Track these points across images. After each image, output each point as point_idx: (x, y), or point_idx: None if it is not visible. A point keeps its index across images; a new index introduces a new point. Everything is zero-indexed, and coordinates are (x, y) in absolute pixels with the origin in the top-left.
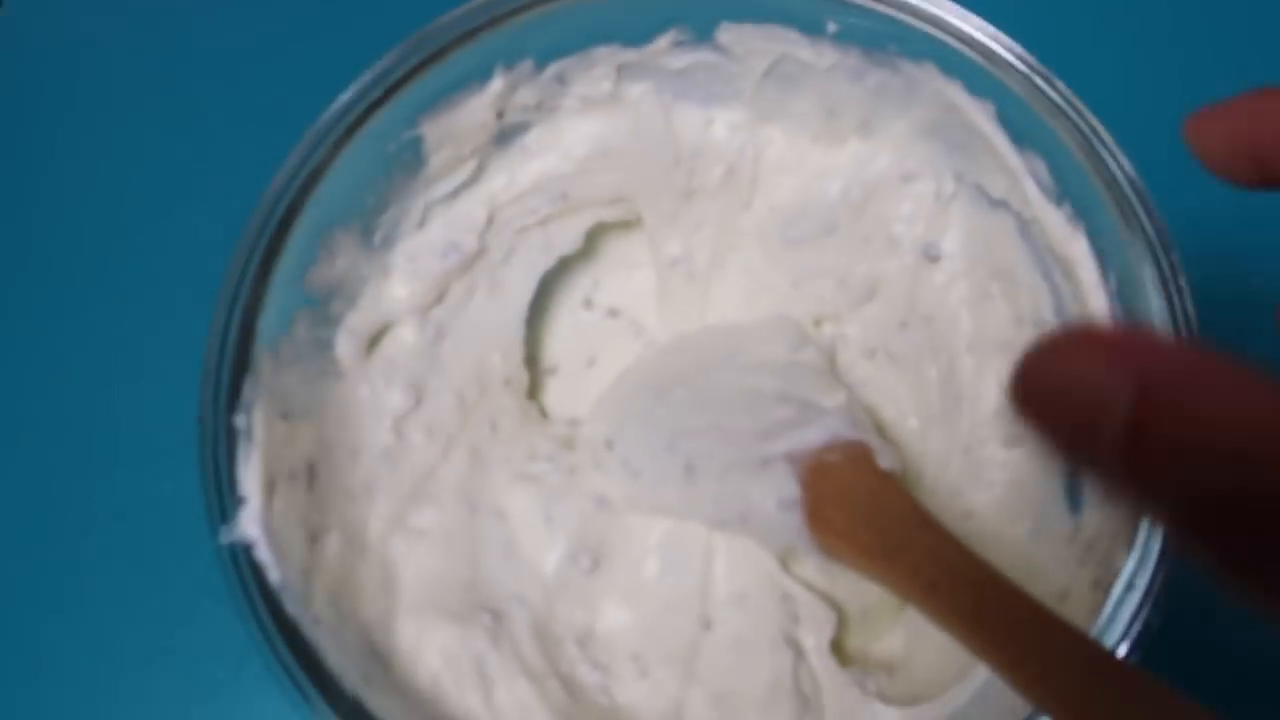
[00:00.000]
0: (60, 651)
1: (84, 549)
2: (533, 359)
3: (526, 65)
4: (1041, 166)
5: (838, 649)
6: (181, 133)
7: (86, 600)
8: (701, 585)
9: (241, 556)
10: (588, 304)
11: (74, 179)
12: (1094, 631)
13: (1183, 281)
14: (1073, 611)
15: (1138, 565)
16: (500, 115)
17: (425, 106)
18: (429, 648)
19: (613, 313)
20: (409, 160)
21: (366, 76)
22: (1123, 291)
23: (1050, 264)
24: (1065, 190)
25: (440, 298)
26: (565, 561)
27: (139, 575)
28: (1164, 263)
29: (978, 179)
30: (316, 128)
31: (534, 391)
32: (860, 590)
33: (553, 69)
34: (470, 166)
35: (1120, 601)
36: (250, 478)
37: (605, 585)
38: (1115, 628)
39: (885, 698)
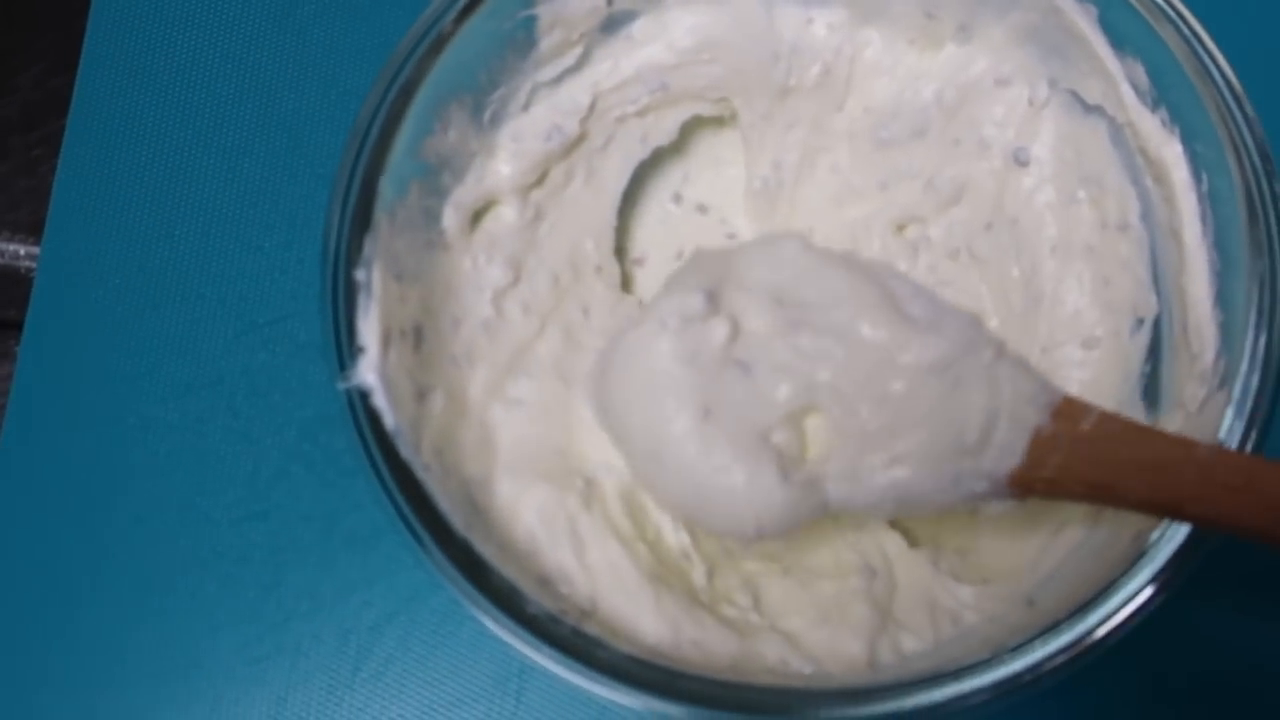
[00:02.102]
0: (157, 515)
1: (178, 415)
2: (621, 249)
3: None
4: (1140, 70)
5: (910, 537)
6: (294, 32)
7: (181, 465)
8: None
9: (359, 402)
10: (677, 199)
11: (187, 45)
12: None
13: (1278, 188)
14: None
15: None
16: (610, 1)
17: None
18: (525, 506)
19: (701, 208)
20: (521, 40)
21: None
22: (1215, 193)
23: (1140, 168)
24: (1162, 95)
25: (540, 180)
26: None
27: (234, 442)
28: (1259, 168)
29: (1073, 84)
30: (438, 2)
31: (625, 282)
32: None
33: None
34: (577, 52)
35: None
36: (369, 329)
37: None
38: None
39: (958, 576)
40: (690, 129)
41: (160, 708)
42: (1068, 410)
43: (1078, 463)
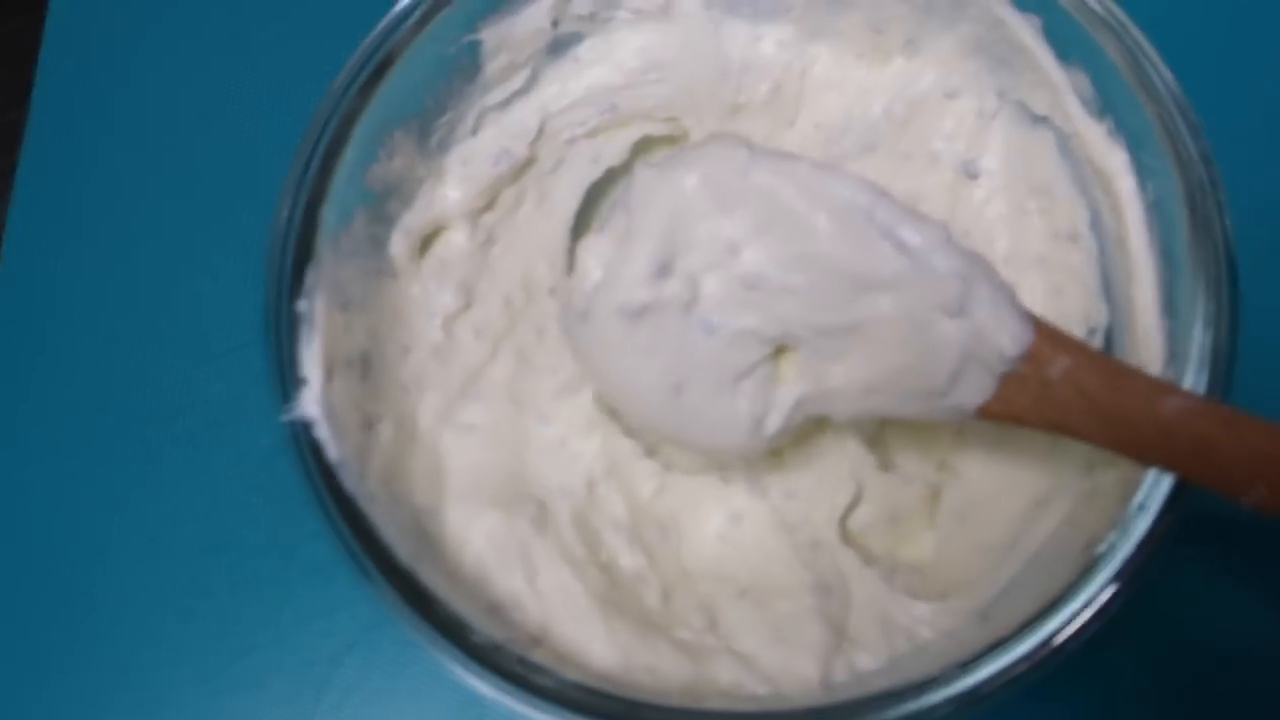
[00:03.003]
0: (117, 549)
1: (138, 448)
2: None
3: None
4: (1084, 80)
5: (866, 553)
6: (252, 27)
7: (140, 498)
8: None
9: (302, 434)
10: None
11: (140, 75)
12: (1123, 518)
13: (1221, 195)
14: (1101, 503)
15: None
16: (555, 24)
17: (485, 11)
18: (475, 533)
19: None
20: (466, 65)
21: None
22: (1160, 204)
23: (1089, 178)
24: (1107, 104)
25: (491, 204)
26: (606, 457)
27: (192, 474)
28: (1203, 175)
29: (1020, 95)
30: (381, 26)
31: None
32: (891, 495)
33: None
34: (524, 75)
35: (1150, 491)
36: (311, 360)
37: (644, 471)
38: (1145, 514)
39: (913, 593)
40: (641, 148)
41: None
42: (1037, 355)
43: (1043, 406)
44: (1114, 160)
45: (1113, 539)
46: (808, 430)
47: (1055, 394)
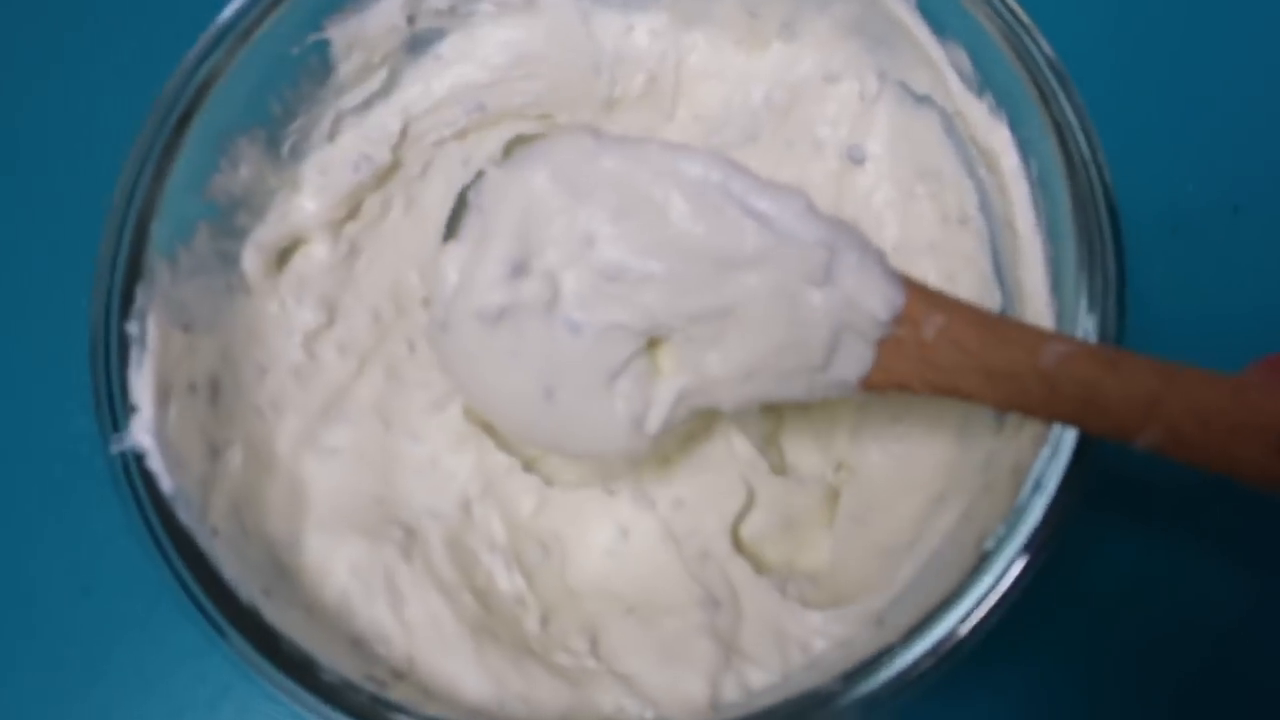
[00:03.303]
0: None
1: None
2: None
3: None
4: (963, 56)
5: (759, 563)
6: (76, 29)
7: (4, 544)
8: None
9: (133, 466)
10: None
11: None
12: (1013, 511)
13: (1102, 160)
14: (996, 497)
15: (1050, 457)
16: (411, 20)
17: (329, 8)
18: (338, 562)
19: None
20: (316, 66)
21: None
22: (1044, 178)
23: (975, 158)
24: (987, 80)
25: (353, 213)
26: (481, 474)
27: (53, 515)
28: (1084, 144)
29: (901, 75)
30: (213, 27)
31: None
32: (786, 500)
33: None
34: (381, 75)
35: (1035, 488)
36: (142, 386)
37: (523, 486)
38: (1034, 507)
39: (807, 602)
40: (516, 146)
41: None
42: (911, 316)
43: (924, 368)
44: (997, 138)
45: (1000, 533)
46: (695, 434)
47: (935, 355)
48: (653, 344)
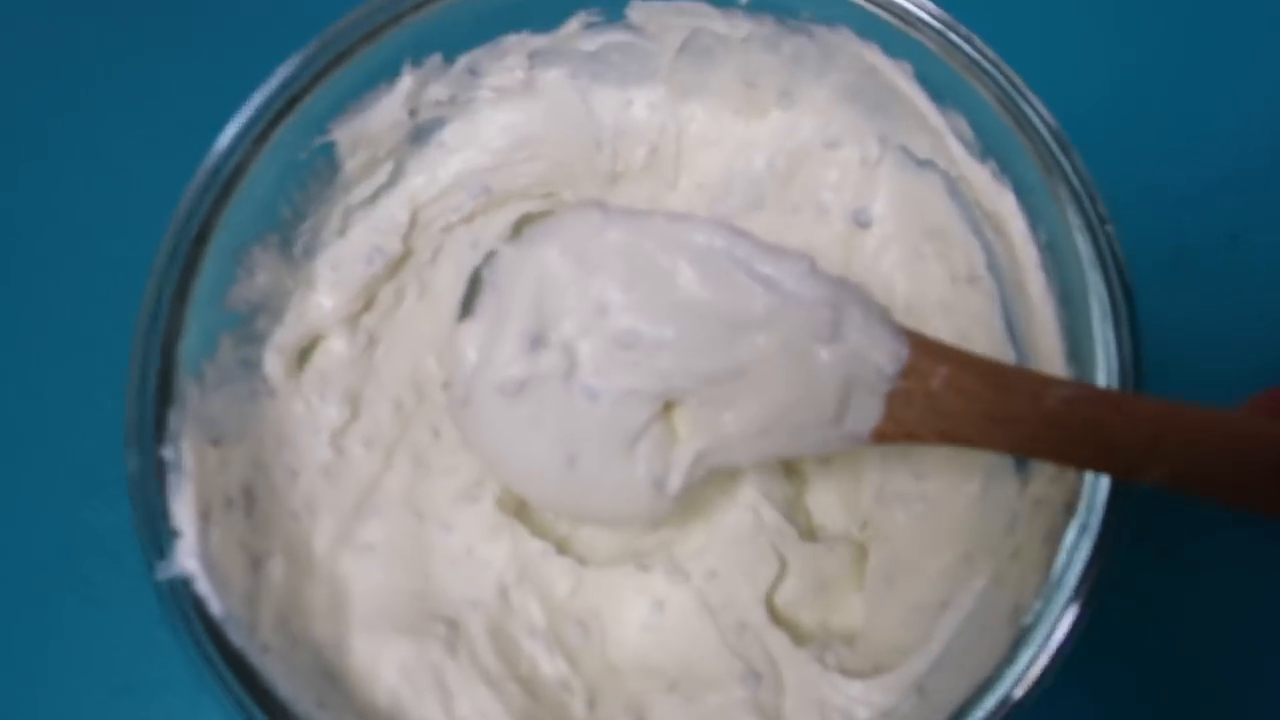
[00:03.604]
0: (15, 701)
1: (30, 593)
2: None
3: (435, 60)
4: (963, 123)
5: (795, 629)
6: (87, 153)
7: (36, 643)
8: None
9: (182, 591)
10: None
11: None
12: (1046, 587)
13: (1110, 229)
14: (1025, 566)
15: (1084, 522)
16: (413, 113)
17: (334, 112)
18: (385, 664)
19: None
20: (323, 167)
21: (269, 85)
22: (1052, 243)
23: (980, 220)
24: (989, 146)
25: (369, 305)
26: (517, 560)
27: (90, 614)
28: (1090, 211)
29: (902, 140)
30: (221, 143)
31: None
32: (816, 564)
33: (463, 61)
34: (387, 168)
35: (1071, 554)
36: (183, 510)
37: (558, 569)
38: (1068, 580)
39: (846, 671)
40: (525, 224)
41: None
42: (917, 368)
43: (932, 417)
44: (1003, 203)
45: (1038, 608)
46: (722, 505)
47: (941, 404)
48: (669, 407)
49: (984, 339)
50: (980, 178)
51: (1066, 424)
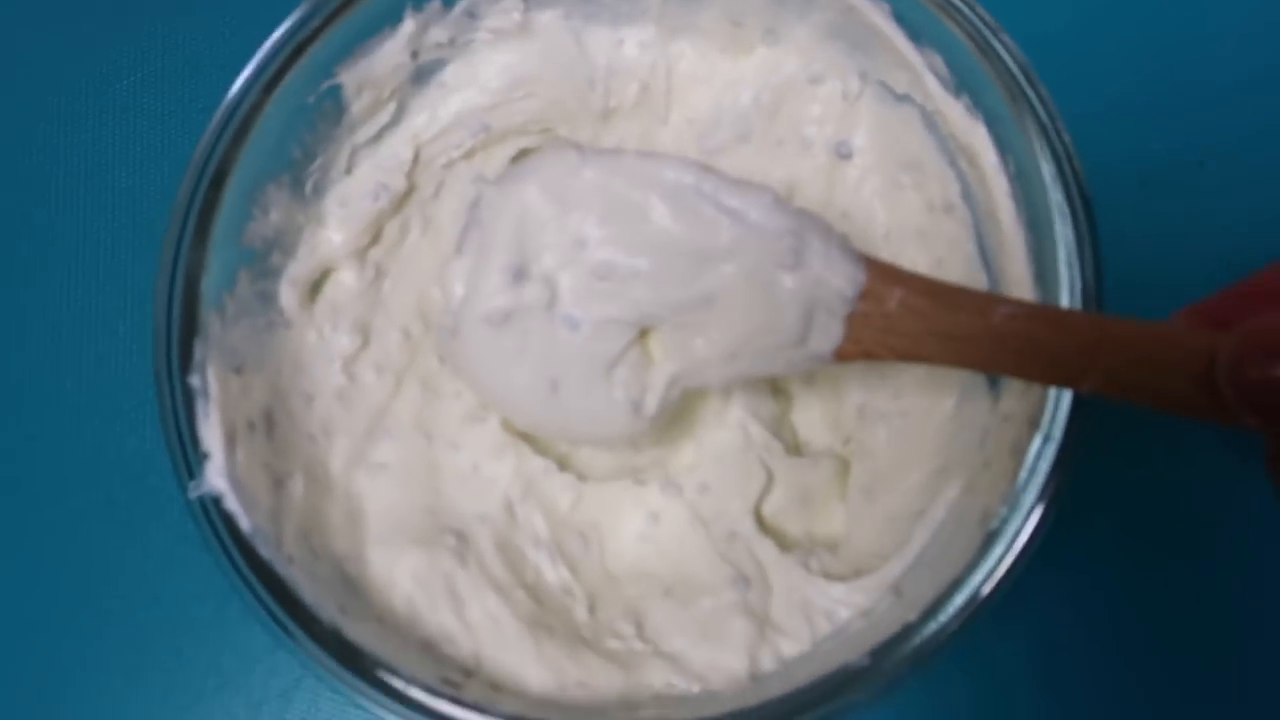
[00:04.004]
0: (50, 615)
1: (59, 514)
2: None
3: (435, 4)
4: (939, 60)
5: (781, 537)
6: (107, 102)
7: (67, 562)
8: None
9: (212, 509)
10: None
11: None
12: (1012, 493)
13: (1077, 163)
14: (994, 476)
15: (1047, 433)
16: (415, 55)
17: (341, 56)
18: (400, 573)
19: None
20: (330, 109)
21: (278, 34)
22: (1021, 173)
23: (954, 152)
24: (962, 81)
25: (376, 239)
26: (521, 477)
27: (117, 532)
28: (1056, 141)
29: (881, 76)
30: (234, 90)
31: None
32: (801, 477)
33: (462, 5)
34: (391, 108)
35: (1034, 464)
36: (211, 433)
37: (560, 485)
38: (1032, 487)
39: (829, 575)
40: (522, 159)
41: None
42: (874, 291)
43: (889, 336)
44: (975, 136)
45: (1004, 514)
46: (712, 423)
47: (898, 324)
48: (644, 334)
49: (959, 264)
50: (954, 111)
51: (1010, 338)
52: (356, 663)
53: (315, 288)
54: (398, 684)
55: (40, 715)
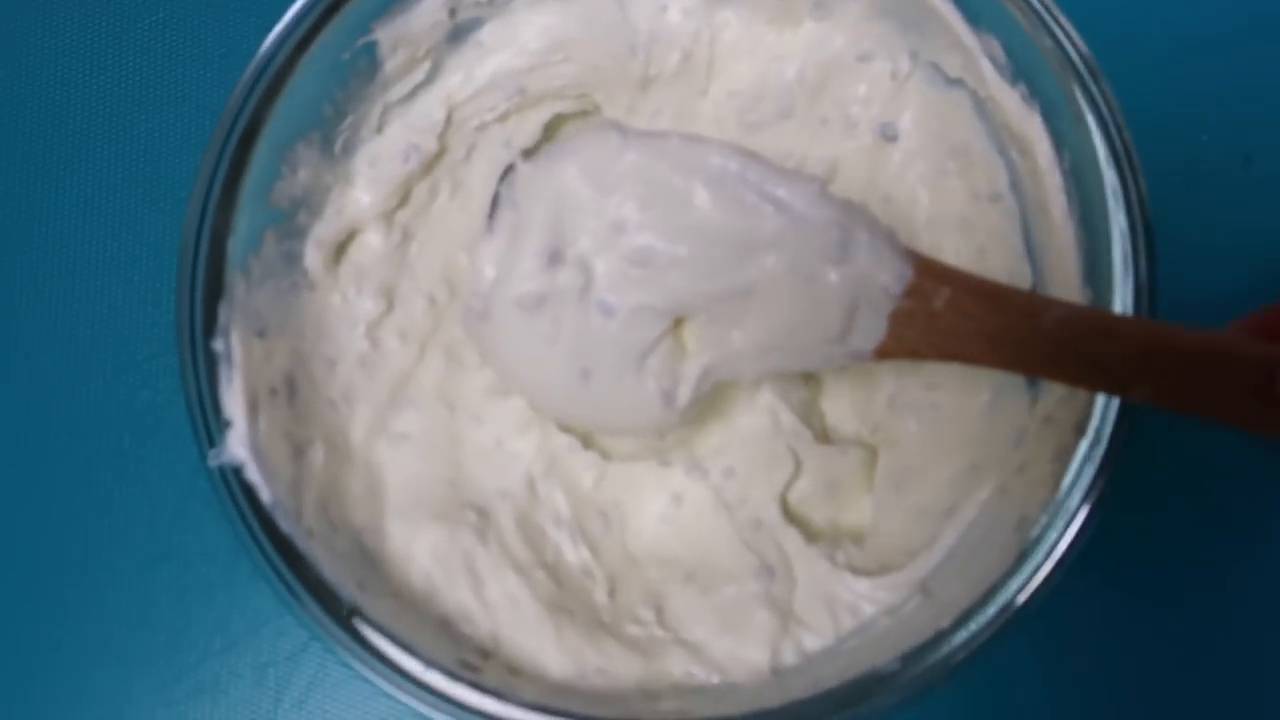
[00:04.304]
0: (57, 567)
1: (69, 466)
2: None
3: None
4: (996, 45)
5: (807, 527)
6: (119, 38)
7: (75, 514)
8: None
9: (232, 478)
10: None
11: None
12: (1053, 501)
13: (1135, 161)
14: (1031, 480)
15: (1093, 442)
16: (453, 13)
17: (378, 12)
18: (420, 549)
19: None
20: (364, 67)
21: None
22: (1076, 168)
23: (1006, 141)
24: (1020, 69)
25: (404, 201)
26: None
27: (127, 486)
28: (1116, 140)
29: (933, 57)
30: (267, 45)
31: None
32: (829, 466)
33: None
34: (426, 67)
35: (1078, 473)
36: (233, 400)
37: (584, 463)
38: (1073, 497)
39: (855, 568)
40: (555, 125)
41: None
42: (920, 288)
43: (933, 336)
44: (1030, 126)
45: (1044, 522)
46: (741, 407)
47: (943, 323)
48: (678, 324)
49: (1002, 257)
50: (1010, 99)
51: (1060, 343)
52: (374, 647)
53: (341, 250)
54: (415, 668)
55: (45, 668)
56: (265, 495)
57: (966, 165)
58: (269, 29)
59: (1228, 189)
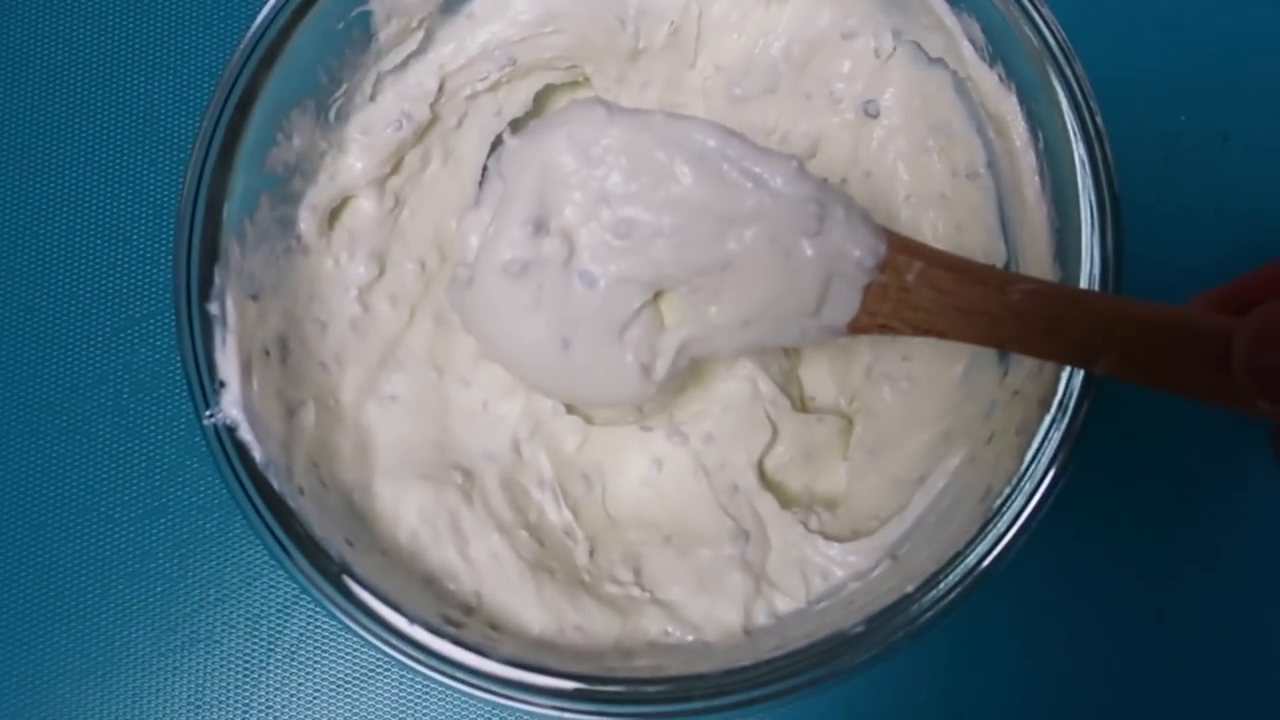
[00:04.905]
0: (56, 519)
1: (67, 420)
2: None
3: None
4: (976, 27)
5: (783, 493)
6: (138, 12)
7: (75, 467)
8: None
9: (226, 437)
10: None
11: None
12: (1017, 472)
13: (1108, 146)
14: (998, 451)
15: (1056, 416)
16: None
17: None
18: (406, 507)
19: None
20: (358, 36)
21: None
22: (1049, 150)
23: (984, 120)
24: (998, 50)
25: (396, 168)
26: (530, 417)
27: (125, 440)
28: (1088, 121)
29: (915, 36)
30: (264, 13)
31: None
32: (806, 434)
33: None
34: (419, 37)
35: (1041, 445)
36: (228, 361)
37: (567, 426)
38: (1036, 469)
39: (827, 534)
40: (545, 95)
41: (81, 707)
42: (893, 263)
43: (906, 310)
44: (1006, 107)
45: (1007, 492)
46: (722, 374)
47: (915, 297)
48: (658, 297)
49: (979, 233)
50: (987, 80)
51: (1027, 315)
52: (361, 600)
53: (334, 215)
54: (400, 623)
55: (42, 618)
56: (258, 454)
57: (946, 143)
58: None
59: (1205, 167)
